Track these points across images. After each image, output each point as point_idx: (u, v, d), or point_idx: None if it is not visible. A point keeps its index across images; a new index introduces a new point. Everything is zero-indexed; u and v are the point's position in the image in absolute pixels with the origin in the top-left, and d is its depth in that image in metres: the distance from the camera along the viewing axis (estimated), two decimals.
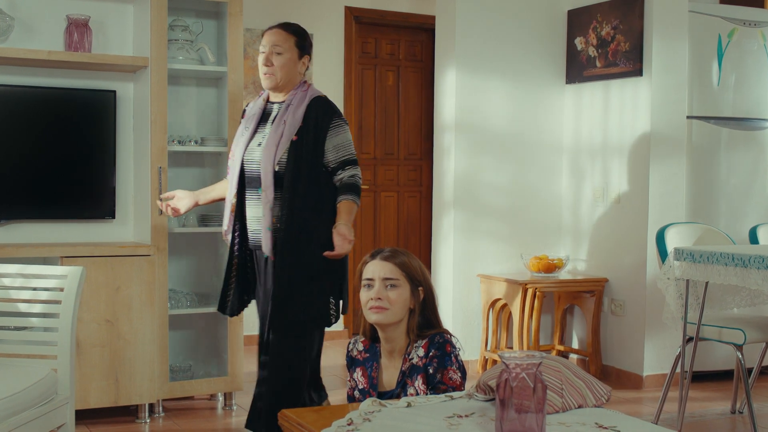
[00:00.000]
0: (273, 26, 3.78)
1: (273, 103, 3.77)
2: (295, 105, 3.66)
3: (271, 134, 3.64)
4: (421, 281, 2.90)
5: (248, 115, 3.81)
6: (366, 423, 2.35)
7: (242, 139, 3.73)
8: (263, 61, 3.70)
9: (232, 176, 3.74)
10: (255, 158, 3.67)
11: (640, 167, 5.49)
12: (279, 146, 3.60)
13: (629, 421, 2.44)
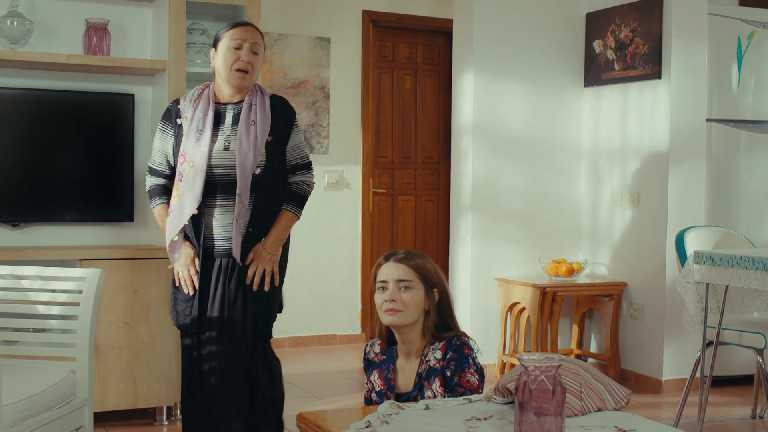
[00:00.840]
0: (241, 23, 3.52)
1: (225, 105, 3.47)
2: (259, 104, 3.43)
3: (242, 136, 3.36)
4: (436, 283, 2.89)
5: (192, 116, 3.42)
6: (384, 425, 2.35)
7: (202, 143, 3.36)
8: (244, 58, 3.40)
9: (192, 182, 3.34)
10: (226, 162, 3.37)
11: (659, 171, 5.46)
12: (257, 148, 3.36)
13: (649, 424, 2.42)
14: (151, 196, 3.56)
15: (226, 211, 3.39)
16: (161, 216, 3.51)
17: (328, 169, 6.86)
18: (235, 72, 3.41)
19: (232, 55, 3.41)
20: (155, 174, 3.56)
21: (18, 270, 3.32)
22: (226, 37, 3.44)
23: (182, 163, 3.40)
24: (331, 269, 6.90)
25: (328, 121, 6.85)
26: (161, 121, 3.57)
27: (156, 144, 3.56)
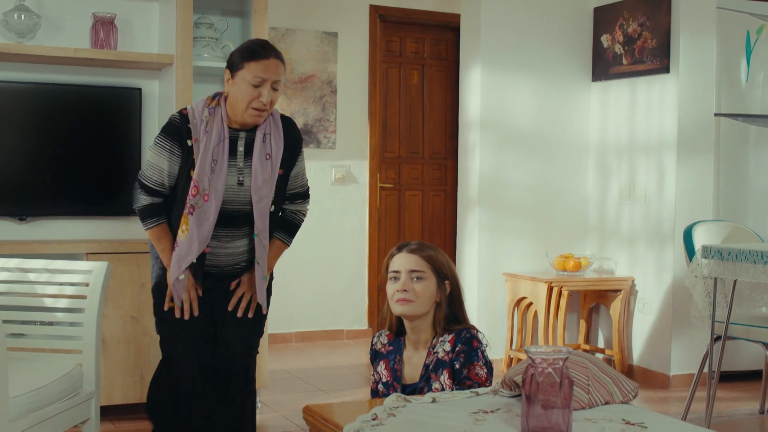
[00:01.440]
0: (264, 53, 3.12)
1: (237, 131, 3.17)
2: (274, 134, 3.18)
3: (258, 171, 3.13)
4: (448, 275, 2.89)
5: (205, 141, 3.09)
6: (390, 418, 2.34)
7: (219, 176, 3.09)
8: (264, 98, 3.08)
9: (205, 218, 3.09)
10: (239, 198, 3.14)
11: (667, 165, 5.44)
12: (272, 186, 3.17)
13: (657, 417, 2.41)
14: (145, 215, 3.18)
15: (231, 240, 3.18)
16: (159, 236, 3.17)
17: (335, 164, 6.85)
18: (252, 110, 3.10)
19: (252, 92, 3.08)
20: (150, 193, 3.17)
21: (25, 263, 3.32)
22: (247, 70, 3.08)
23: (195, 195, 3.06)
24: (338, 264, 6.90)
25: (335, 116, 6.84)
26: (164, 137, 3.14)
27: (156, 161, 3.14)
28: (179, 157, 3.13)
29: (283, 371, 5.67)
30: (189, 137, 3.11)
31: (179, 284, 3.11)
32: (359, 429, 2.23)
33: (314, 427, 2.47)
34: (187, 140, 3.11)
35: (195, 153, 3.09)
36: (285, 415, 4.60)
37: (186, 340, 3.17)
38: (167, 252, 3.16)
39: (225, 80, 3.16)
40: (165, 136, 3.15)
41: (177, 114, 3.17)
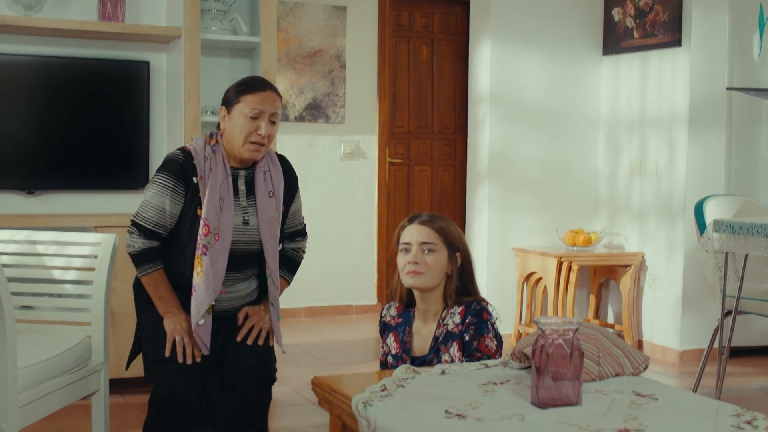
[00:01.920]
0: (260, 85, 3.02)
1: (237, 169, 3.05)
2: (273, 171, 3.09)
3: (263, 210, 3.03)
4: (459, 247, 2.87)
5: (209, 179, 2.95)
6: (399, 389, 2.33)
7: (227, 214, 2.96)
8: (262, 131, 2.96)
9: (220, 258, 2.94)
10: (245, 238, 3.01)
11: (679, 140, 5.41)
12: (279, 223, 3.08)
13: (667, 389, 2.39)
14: (142, 260, 2.97)
15: (234, 283, 3.05)
16: (157, 283, 2.98)
17: (344, 139, 6.83)
18: (249, 144, 2.97)
19: (249, 125, 2.95)
20: (148, 235, 2.97)
21: (34, 235, 3.31)
22: (244, 103, 2.97)
23: (207, 234, 2.90)
24: (347, 240, 6.89)
25: (344, 91, 6.81)
26: (167, 174, 2.97)
27: (156, 201, 2.96)
28: (182, 196, 2.96)
29: (293, 345, 5.67)
30: (195, 174, 2.95)
31: (204, 329, 2.91)
32: (368, 400, 2.22)
33: (323, 398, 2.47)
34: (192, 177, 2.95)
35: (201, 191, 2.94)
36: (294, 389, 4.61)
37: (188, 375, 2.90)
38: (165, 299, 2.97)
39: (221, 117, 3.04)
40: (168, 173, 2.96)
41: (179, 151, 3.01)
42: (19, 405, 2.63)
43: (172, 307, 2.97)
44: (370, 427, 2.13)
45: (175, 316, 2.95)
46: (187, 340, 2.92)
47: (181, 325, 2.93)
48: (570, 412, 2.13)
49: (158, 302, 2.98)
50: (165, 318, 2.96)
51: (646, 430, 1.99)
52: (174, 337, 2.92)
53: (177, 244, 2.99)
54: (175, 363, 2.90)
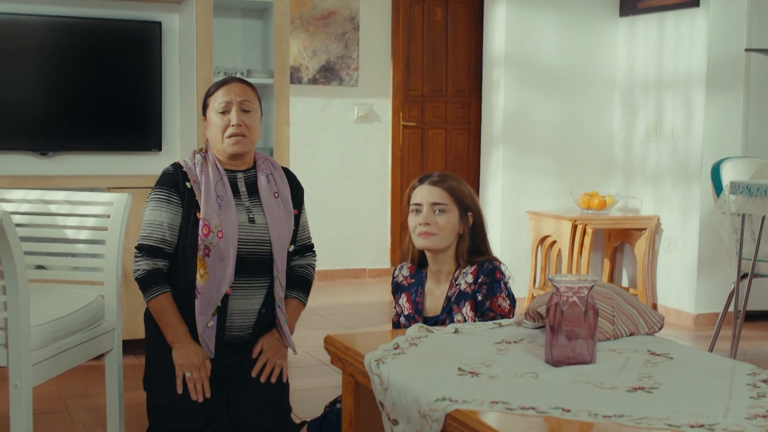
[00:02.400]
0: (228, 80, 2.97)
1: (234, 172, 2.98)
2: (276, 175, 3.02)
3: (270, 208, 2.94)
4: (471, 206, 2.84)
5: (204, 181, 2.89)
6: (412, 347, 2.32)
7: (229, 210, 2.87)
8: (234, 120, 2.88)
9: (225, 255, 2.83)
10: (252, 237, 2.90)
11: (696, 101, 5.35)
12: (290, 222, 2.98)
13: (683, 348, 2.37)
14: (149, 283, 2.87)
15: (248, 295, 2.93)
16: (164, 307, 2.86)
17: (358, 101, 6.79)
18: (228, 139, 2.90)
19: (221, 120, 2.90)
20: (152, 254, 2.88)
21: (46, 195, 3.30)
22: (212, 102, 2.94)
23: (207, 234, 2.81)
24: (361, 203, 6.87)
25: (358, 53, 6.76)
26: (160, 187, 2.92)
27: (153, 217, 2.89)
28: (179, 206, 2.89)
29: (306, 308, 5.66)
30: (187, 179, 2.90)
31: (209, 331, 2.84)
32: (381, 358, 2.21)
33: (335, 356, 2.46)
34: (185, 182, 2.90)
35: (197, 194, 2.88)
36: (306, 351, 4.61)
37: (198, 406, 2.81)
38: (173, 326, 2.85)
39: (204, 128, 3.01)
40: (160, 186, 2.92)
41: (168, 166, 2.99)
42: (32, 363, 2.63)
43: (182, 336, 2.84)
44: (382, 384, 2.12)
45: (184, 347, 2.83)
46: (197, 375, 2.81)
47: (191, 359, 2.81)
48: (584, 370, 2.11)
49: (166, 329, 2.86)
50: (174, 348, 2.84)
51: (661, 388, 1.97)
52: (183, 373, 2.81)
53: (187, 254, 2.88)
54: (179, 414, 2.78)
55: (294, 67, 6.50)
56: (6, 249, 2.49)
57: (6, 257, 2.50)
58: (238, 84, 2.95)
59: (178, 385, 2.80)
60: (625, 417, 1.78)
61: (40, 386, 3.75)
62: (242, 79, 3.00)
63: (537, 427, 1.76)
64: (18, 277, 2.52)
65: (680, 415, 1.78)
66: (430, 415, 1.88)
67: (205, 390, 2.81)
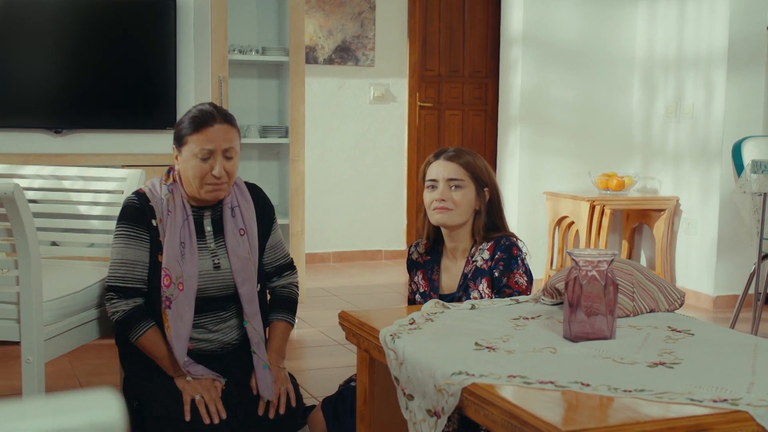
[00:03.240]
0: (211, 120, 2.65)
1: (200, 209, 2.75)
2: (243, 206, 2.79)
3: (235, 250, 2.73)
4: (487, 182, 2.78)
5: (168, 223, 2.67)
6: (428, 323, 2.28)
7: (190, 260, 2.67)
8: (217, 171, 2.63)
9: (184, 310, 2.65)
10: (217, 284, 2.73)
11: (717, 80, 5.27)
12: (255, 265, 2.78)
13: (704, 325, 2.32)
14: (131, 323, 2.66)
15: (218, 323, 2.77)
16: (154, 342, 2.67)
17: (374, 82, 6.74)
18: (207, 186, 2.65)
19: (201, 166, 2.63)
20: (128, 295, 2.68)
21: (60, 170, 3.28)
22: (192, 143, 2.63)
23: (168, 285, 2.63)
24: (377, 184, 6.83)
25: (374, 33, 6.70)
26: (125, 224, 2.69)
27: (122, 256, 2.67)
28: (147, 242, 2.68)
29: (320, 289, 5.66)
30: (153, 217, 2.68)
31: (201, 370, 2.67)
32: (396, 333, 2.17)
33: (350, 332, 2.42)
34: (152, 220, 2.68)
35: (161, 234, 2.67)
36: (321, 330, 4.59)
37: None
38: (167, 358, 2.67)
39: (174, 156, 2.74)
40: (126, 222, 2.69)
41: (133, 195, 2.73)
42: (44, 338, 2.61)
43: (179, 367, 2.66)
44: (398, 359, 2.08)
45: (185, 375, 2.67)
46: (208, 396, 2.63)
47: (198, 382, 2.66)
48: (603, 345, 2.07)
49: (164, 362, 2.68)
50: (176, 378, 2.67)
51: (682, 364, 1.92)
52: (192, 397, 2.62)
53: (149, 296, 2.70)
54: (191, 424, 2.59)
55: (309, 47, 6.46)
56: (18, 222, 2.46)
57: (18, 230, 2.48)
58: (221, 127, 2.64)
59: (186, 412, 2.59)
60: (646, 392, 1.74)
61: (54, 364, 3.74)
62: (225, 116, 2.69)
63: (555, 402, 1.72)
64: (30, 250, 2.50)
65: (702, 390, 1.74)
66: (446, 389, 1.85)
67: (220, 411, 2.62)
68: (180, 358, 2.63)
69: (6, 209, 2.45)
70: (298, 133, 4.66)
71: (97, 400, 0.73)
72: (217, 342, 2.76)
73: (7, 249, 2.61)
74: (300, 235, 4.69)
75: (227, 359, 2.78)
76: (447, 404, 1.85)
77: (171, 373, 2.67)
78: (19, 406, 0.71)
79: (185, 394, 2.62)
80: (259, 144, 4.83)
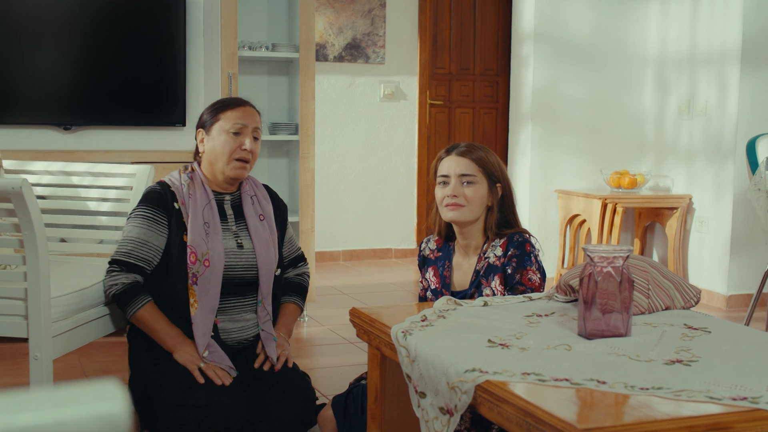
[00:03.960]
0: (238, 102, 2.87)
1: (221, 194, 2.87)
2: (259, 196, 2.94)
3: (257, 233, 2.85)
4: (499, 177, 2.75)
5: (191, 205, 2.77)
6: (440, 320, 2.25)
7: (215, 238, 2.76)
8: (247, 146, 2.80)
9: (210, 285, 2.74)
10: (241, 263, 2.81)
11: (731, 77, 5.22)
12: (275, 246, 2.90)
13: (721, 323, 2.28)
14: (130, 296, 2.70)
15: (239, 312, 2.83)
16: (152, 315, 2.70)
17: (384, 79, 6.71)
18: (235, 162, 2.80)
19: (232, 141, 2.79)
20: (130, 269, 2.73)
21: (69, 166, 3.26)
22: (223, 120, 2.80)
23: (194, 262, 2.72)
24: (387, 182, 6.80)
25: (384, 30, 6.67)
26: (147, 205, 2.77)
27: (137, 234, 2.73)
28: (165, 226, 2.76)
29: (330, 287, 5.63)
30: (175, 200, 2.78)
31: (217, 355, 2.71)
32: (408, 329, 2.14)
33: (361, 329, 2.39)
34: (173, 203, 2.77)
35: (185, 216, 2.76)
36: (331, 329, 4.56)
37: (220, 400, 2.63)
38: (166, 331, 2.70)
39: (198, 141, 2.86)
40: (147, 204, 2.77)
41: (155, 184, 2.84)
42: (53, 335, 2.59)
43: (178, 337, 2.70)
44: (410, 356, 2.05)
45: (184, 347, 2.69)
46: (210, 365, 2.68)
47: (195, 355, 2.68)
48: (619, 343, 2.03)
49: (161, 336, 2.70)
50: (175, 352, 2.69)
51: (699, 361, 1.89)
52: (197, 366, 2.66)
53: (169, 278, 2.75)
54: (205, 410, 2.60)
55: (319, 45, 6.43)
56: (26, 217, 2.44)
57: (26, 226, 2.46)
58: (252, 109, 2.86)
59: (197, 378, 2.64)
60: (664, 389, 1.70)
61: (63, 361, 3.73)
62: (250, 103, 2.90)
63: (571, 399, 1.68)
64: (38, 246, 2.47)
65: (721, 387, 1.71)
66: (460, 386, 1.82)
67: (223, 376, 2.66)
68: (206, 333, 2.69)
69: (14, 204, 2.42)
70: (308, 130, 4.63)
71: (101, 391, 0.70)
72: (237, 332, 2.82)
73: (15, 245, 2.58)
74: (310, 232, 4.66)
75: (242, 354, 2.82)
76: (460, 402, 1.82)
77: (168, 348, 2.69)
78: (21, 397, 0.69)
79: (189, 364, 2.65)
80: (269, 141, 4.81)
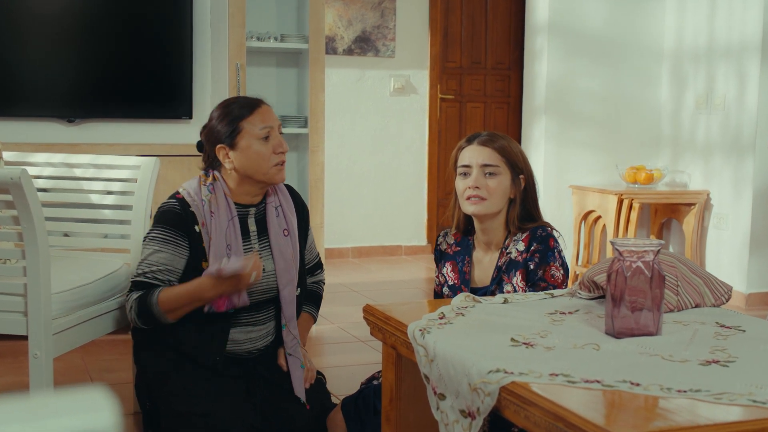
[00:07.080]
0: (257, 102, 2.68)
1: (246, 208, 2.70)
2: (284, 205, 2.75)
3: (280, 251, 2.70)
4: (523, 168, 2.63)
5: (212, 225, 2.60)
6: (459, 317, 2.13)
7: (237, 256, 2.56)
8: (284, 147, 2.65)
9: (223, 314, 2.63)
10: (262, 287, 2.67)
11: (750, 71, 5.10)
12: (296, 267, 2.75)
13: (755, 321, 2.17)
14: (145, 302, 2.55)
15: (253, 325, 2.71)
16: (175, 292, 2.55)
17: (394, 73, 6.59)
18: (275, 167, 2.63)
19: (266, 148, 2.60)
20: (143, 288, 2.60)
21: (71, 158, 3.15)
22: (249, 128, 2.60)
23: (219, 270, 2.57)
24: (397, 178, 6.69)
25: (395, 23, 6.56)
26: (164, 228, 2.59)
27: (155, 258, 2.58)
28: (186, 249, 2.59)
29: (340, 285, 5.52)
30: (196, 222, 2.59)
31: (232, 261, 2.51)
32: (425, 327, 2.03)
33: (375, 327, 2.28)
34: (194, 226, 2.59)
35: (204, 240, 2.59)
36: (341, 327, 4.46)
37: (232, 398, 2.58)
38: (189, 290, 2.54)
39: (222, 158, 2.63)
40: (165, 227, 2.59)
41: (173, 200, 2.63)
42: (53, 332, 2.48)
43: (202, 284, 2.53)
44: (428, 356, 1.94)
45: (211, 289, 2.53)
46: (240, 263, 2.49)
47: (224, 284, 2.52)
48: (649, 342, 1.92)
49: (187, 298, 2.55)
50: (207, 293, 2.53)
51: (737, 362, 1.77)
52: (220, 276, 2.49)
53: None
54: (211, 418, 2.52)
55: (329, 37, 6.32)
56: (25, 209, 2.33)
57: (25, 218, 2.35)
58: (268, 107, 2.68)
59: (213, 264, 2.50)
60: (703, 392, 1.59)
61: (65, 359, 3.62)
62: (263, 99, 2.73)
63: (603, 402, 1.57)
64: (38, 239, 2.37)
65: (764, 390, 1.59)
66: (483, 388, 1.70)
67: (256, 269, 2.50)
68: None
69: (12, 196, 2.32)
70: (318, 123, 4.52)
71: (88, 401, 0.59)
72: (248, 343, 2.71)
73: (14, 238, 2.48)
74: (319, 228, 4.56)
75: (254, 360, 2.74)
76: (483, 404, 1.71)
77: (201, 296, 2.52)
78: None
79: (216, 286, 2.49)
80: None
